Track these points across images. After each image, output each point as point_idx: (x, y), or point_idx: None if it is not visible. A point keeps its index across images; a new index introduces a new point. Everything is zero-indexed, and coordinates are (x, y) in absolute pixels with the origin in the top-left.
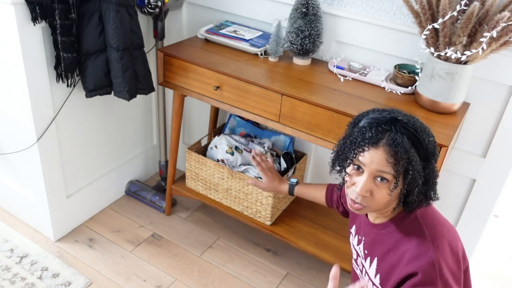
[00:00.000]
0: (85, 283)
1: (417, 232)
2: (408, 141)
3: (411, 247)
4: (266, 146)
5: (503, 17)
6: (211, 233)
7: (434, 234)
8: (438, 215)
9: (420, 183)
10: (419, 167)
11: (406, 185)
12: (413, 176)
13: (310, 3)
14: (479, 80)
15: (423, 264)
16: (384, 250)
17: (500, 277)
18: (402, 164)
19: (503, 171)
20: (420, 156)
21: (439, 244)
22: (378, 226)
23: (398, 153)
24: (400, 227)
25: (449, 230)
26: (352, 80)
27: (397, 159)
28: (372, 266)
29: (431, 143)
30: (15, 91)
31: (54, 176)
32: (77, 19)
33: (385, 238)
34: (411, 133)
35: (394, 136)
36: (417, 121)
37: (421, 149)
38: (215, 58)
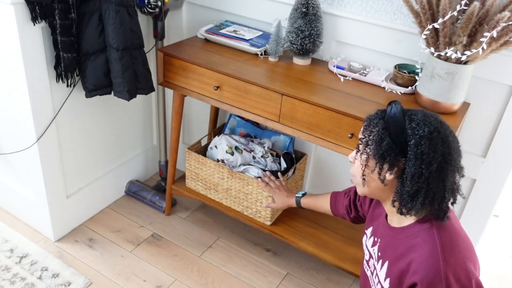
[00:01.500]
0: (85, 283)
1: (430, 242)
2: (384, 119)
3: (421, 256)
4: (266, 146)
5: (503, 17)
6: (211, 233)
7: (447, 248)
8: (457, 230)
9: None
10: (389, 151)
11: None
12: (376, 152)
13: (310, 3)
14: (479, 80)
15: (428, 276)
16: (396, 254)
17: (500, 277)
18: (367, 134)
19: (503, 171)
20: (393, 139)
21: (450, 258)
22: (395, 230)
23: (368, 122)
24: (415, 234)
25: (466, 248)
26: (352, 80)
27: (365, 126)
28: (383, 269)
29: (424, 144)
30: (15, 91)
31: (54, 176)
32: (77, 19)
33: (399, 243)
34: (396, 117)
35: (379, 110)
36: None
37: (396, 133)
38: (215, 58)
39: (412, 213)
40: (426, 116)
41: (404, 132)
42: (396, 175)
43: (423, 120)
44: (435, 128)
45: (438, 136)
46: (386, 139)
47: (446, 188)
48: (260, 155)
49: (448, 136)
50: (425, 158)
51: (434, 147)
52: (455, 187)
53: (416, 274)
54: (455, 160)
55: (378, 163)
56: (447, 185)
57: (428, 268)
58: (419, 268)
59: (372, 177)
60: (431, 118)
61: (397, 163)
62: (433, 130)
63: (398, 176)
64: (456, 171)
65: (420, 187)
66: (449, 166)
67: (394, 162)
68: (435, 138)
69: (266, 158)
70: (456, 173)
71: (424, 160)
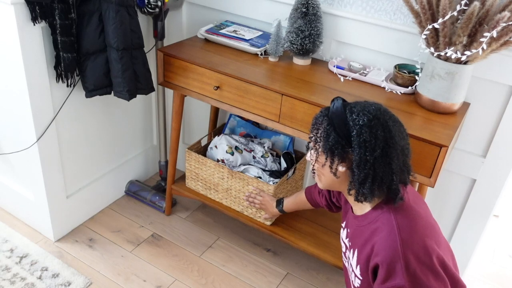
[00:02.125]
0: (85, 283)
1: (388, 224)
2: (328, 116)
3: (380, 239)
4: (266, 146)
5: (503, 17)
6: (211, 233)
7: (404, 227)
8: (416, 210)
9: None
10: (336, 144)
11: (324, 153)
12: (325, 147)
13: (310, 3)
14: (479, 80)
15: (387, 256)
16: (362, 241)
17: (500, 277)
18: (315, 133)
19: (503, 171)
20: (338, 133)
21: (408, 238)
22: (358, 218)
23: (314, 121)
24: (375, 219)
25: (424, 227)
26: (352, 80)
27: (312, 125)
28: (353, 257)
29: (365, 132)
30: (15, 91)
31: (54, 176)
32: (77, 19)
33: (363, 230)
34: (338, 111)
35: (323, 108)
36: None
37: (340, 127)
38: (215, 58)
39: (366, 198)
40: (365, 106)
41: (346, 125)
42: (348, 166)
43: (362, 110)
44: (374, 116)
45: (378, 123)
46: (332, 134)
47: (393, 170)
48: (260, 155)
49: (388, 121)
50: (368, 146)
51: (375, 133)
52: (404, 168)
53: (377, 256)
54: (398, 143)
55: (328, 157)
56: (393, 168)
57: (387, 248)
58: (379, 249)
59: (324, 172)
60: (370, 107)
61: (346, 155)
62: (372, 118)
63: (349, 166)
64: (401, 153)
65: (367, 173)
66: (393, 150)
67: (343, 154)
68: (375, 126)
69: (266, 158)
70: (402, 155)
71: (367, 147)
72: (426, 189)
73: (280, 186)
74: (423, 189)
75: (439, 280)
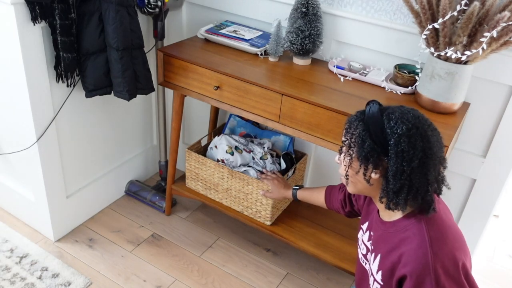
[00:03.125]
0: (85, 283)
1: (419, 235)
2: (364, 121)
3: (410, 250)
4: (266, 146)
5: (503, 17)
6: (211, 233)
7: (435, 240)
8: (447, 223)
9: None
10: (372, 152)
11: (358, 160)
12: (359, 154)
13: (310, 3)
14: (479, 80)
15: (417, 268)
16: (388, 248)
17: (500, 277)
18: (349, 137)
19: (503, 171)
20: (374, 140)
21: (439, 250)
22: (386, 224)
23: (348, 124)
24: (405, 228)
25: (454, 240)
26: (352, 80)
27: (346, 129)
28: (375, 262)
29: (404, 142)
30: (15, 91)
31: (54, 176)
32: (77, 19)
33: (390, 237)
34: (375, 117)
35: (358, 112)
36: (410, 113)
37: (376, 134)
38: (215, 58)
39: (399, 208)
40: (403, 113)
41: (383, 132)
42: (381, 174)
43: (401, 118)
44: (413, 125)
45: (416, 133)
46: (368, 141)
47: (429, 181)
48: (259, 157)
49: (427, 131)
50: (406, 156)
51: (414, 144)
52: (439, 179)
53: (406, 267)
54: (436, 153)
55: (362, 165)
56: (430, 178)
57: (417, 260)
58: (408, 260)
59: (358, 178)
60: (409, 115)
61: (381, 163)
62: (411, 127)
63: (383, 174)
64: (439, 163)
65: (403, 183)
66: (430, 161)
67: (377, 162)
68: (414, 135)
69: (265, 159)
70: (439, 165)
71: (405, 157)
72: None
73: None
74: None
75: None
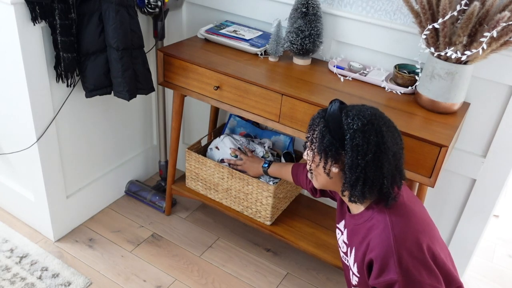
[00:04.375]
0: (85, 283)
1: (382, 221)
2: (325, 118)
3: (375, 235)
4: (266, 146)
5: (503, 17)
6: (211, 233)
7: (397, 224)
8: (410, 207)
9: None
10: (330, 146)
11: (318, 154)
12: (319, 148)
13: (310, 3)
14: (479, 80)
15: (381, 252)
16: (359, 239)
17: (500, 277)
18: (311, 133)
19: (503, 171)
20: (333, 135)
21: (401, 234)
22: (355, 217)
23: (311, 121)
24: (370, 217)
25: (417, 223)
26: (352, 80)
27: (310, 126)
28: (351, 256)
29: (358, 137)
30: (15, 91)
31: (54, 176)
32: (77, 19)
33: (359, 228)
34: (335, 114)
35: (321, 110)
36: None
37: (335, 129)
38: (215, 58)
39: (358, 200)
40: (361, 110)
41: (341, 128)
42: (341, 168)
43: (357, 114)
44: (368, 121)
45: (371, 128)
46: (327, 136)
47: (384, 174)
48: (261, 155)
49: (382, 127)
50: (360, 150)
51: (368, 138)
52: (396, 173)
53: (371, 252)
54: (390, 148)
55: (322, 158)
56: (384, 172)
57: (381, 244)
58: (373, 246)
59: (319, 172)
60: (366, 112)
61: (339, 157)
62: (366, 123)
63: (342, 168)
64: (394, 158)
65: (358, 176)
66: (384, 155)
67: (336, 156)
68: (368, 130)
69: (266, 158)
70: (394, 160)
71: (359, 151)
72: (426, 189)
73: (280, 186)
74: (423, 189)
75: (432, 275)
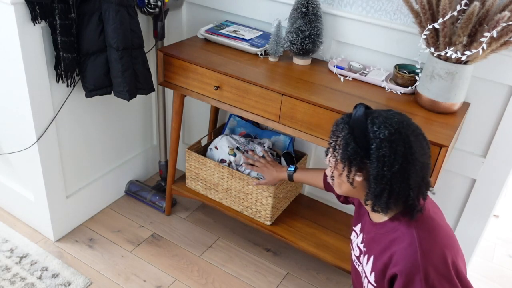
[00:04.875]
0: (85, 283)
1: (408, 235)
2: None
3: (400, 249)
4: (266, 146)
5: (503, 17)
6: (211, 233)
7: (424, 239)
8: (436, 221)
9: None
10: (355, 155)
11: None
12: (343, 156)
13: (310, 3)
14: (479, 80)
15: (407, 267)
16: (380, 249)
17: (500, 277)
18: (334, 139)
19: (503, 171)
20: (357, 144)
21: (428, 249)
22: (377, 226)
23: (335, 127)
24: (395, 228)
25: (444, 238)
26: (352, 80)
27: (333, 131)
28: (368, 263)
29: (385, 147)
30: (15, 91)
31: (54, 176)
32: (77, 19)
33: (381, 238)
34: (360, 120)
35: (345, 115)
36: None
37: (360, 137)
38: (215, 58)
39: (382, 211)
40: (388, 117)
41: (366, 136)
42: (365, 177)
43: (384, 122)
44: (395, 130)
45: (399, 138)
46: (351, 144)
47: (410, 186)
48: (260, 155)
49: (410, 136)
50: (387, 161)
51: (395, 149)
52: (423, 184)
53: (396, 266)
54: (418, 159)
55: (345, 167)
56: (411, 183)
57: (407, 259)
58: (398, 260)
59: (342, 179)
60: (393, 120)
61: (364, 166)
62: (394, 132)
63: (367, 177)
64: (422, 169)
65: (383, 188)
66: (412, 166)
67: (360, 165)
68: (396, 140)
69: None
70: (423, 171)
71: (385, 162)
72: None
73: (280, 186)
74: None
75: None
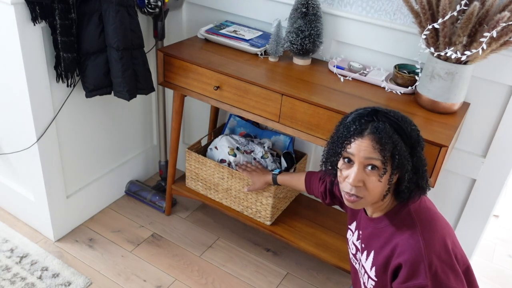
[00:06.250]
0: (85, 283)
1: (409, 225)
2: (390, 128)
3: (402, 240)
4: (266, 146)
5: (503, 17)
6: (211, 233)
7: (425, 228)
8: (433, 210)
9: (409, 170)
10: (405, 153)
11: (394, 171)
12: (400, 161)
13: (310, 3)
14: (479, 80)
15: (411, 256)
16: (380, 243)
17: (500, 277)
18: (388, 149)
19: (503, 171)
20: (405, 141)
21: (430, 238)
22: (375, 220)
23: (383, 139)
24: (394, 220)
25: (442, 226)
26: (352, 80)
27: (382, 144)
28: (368, 259)
29: (414, 131)
30: (15, 91)
31: (54, 176)
32: (77, 19)
33: (381, 232)
34: (392, 121)
35: (377, 124)
36: (397, 112)
37: (404, 135)
38: (215, 58)
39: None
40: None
41: (408, 136)
42: (401, 173)
43: (402, 116)
44: (402, 114)
45: (410, 121)
46: (403, 147)
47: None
48: (260, 156)
49: None
50: (420, 149)
51: (419, 133)
52: None
53: (400, 256)
54: None
55: (395, 171)
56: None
57: (410, 248)
58: (402, 250)
59: (378, 184)
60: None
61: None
62: (411, 120)
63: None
64: None
65: (423, 172)
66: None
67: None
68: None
69: (265, 158)
70: None
71: (423, 148)
72: None
73: (281, 186)
74: None
75: (458, 279)
